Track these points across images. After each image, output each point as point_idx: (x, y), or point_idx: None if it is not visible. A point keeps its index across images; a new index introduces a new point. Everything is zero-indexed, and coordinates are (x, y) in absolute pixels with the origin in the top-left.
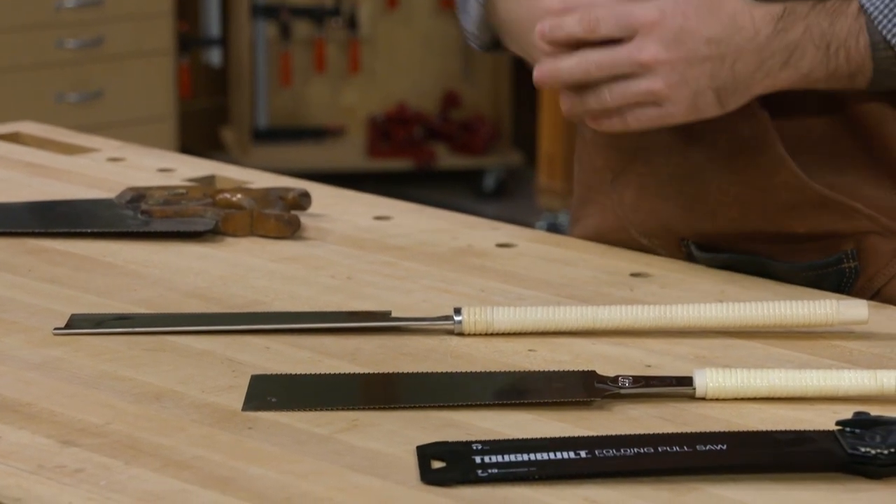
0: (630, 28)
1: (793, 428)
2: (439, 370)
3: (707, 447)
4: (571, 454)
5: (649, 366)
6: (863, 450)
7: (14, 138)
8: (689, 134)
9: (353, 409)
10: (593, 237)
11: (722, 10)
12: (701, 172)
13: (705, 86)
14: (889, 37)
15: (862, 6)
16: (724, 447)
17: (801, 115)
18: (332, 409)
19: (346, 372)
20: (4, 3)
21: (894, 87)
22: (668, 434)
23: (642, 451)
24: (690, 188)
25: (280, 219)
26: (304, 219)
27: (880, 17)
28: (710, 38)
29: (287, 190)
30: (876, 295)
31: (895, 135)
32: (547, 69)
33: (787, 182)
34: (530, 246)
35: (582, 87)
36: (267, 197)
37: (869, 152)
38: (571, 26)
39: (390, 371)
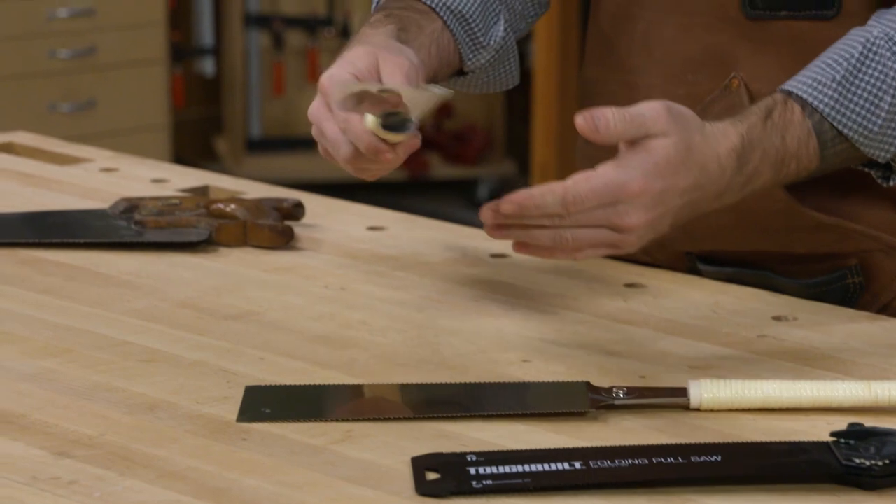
0: (615, 198)
1: (787, 439)
2: (433, 381)
3: (701, 458)
4: (566, 465)
5: (643, 376)
6: (857, 461)
7: (7, 148)
8: None
9: (348, 420)
10: None
11: (693, 160)
12: None
13: (667, 225)
14: (843, 129)
15: (810, 104)
16: (719, 458)
17: None
18: (326, 421)
19: (341, 383)
20: None
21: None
22: (662, 445)
23: (637, 462)
24: None
25: (273, 229)
26: (298, 229)
27: (833, 112)
28: (684, 189)
29: (280, 200)
30: (883, 310)
31: None
32: (519, 235)
33: (781, 210)
34: (524, 256)
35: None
36: (260, 207)
37: (868, 173)
38: (552, 203)
39: (384, 382)
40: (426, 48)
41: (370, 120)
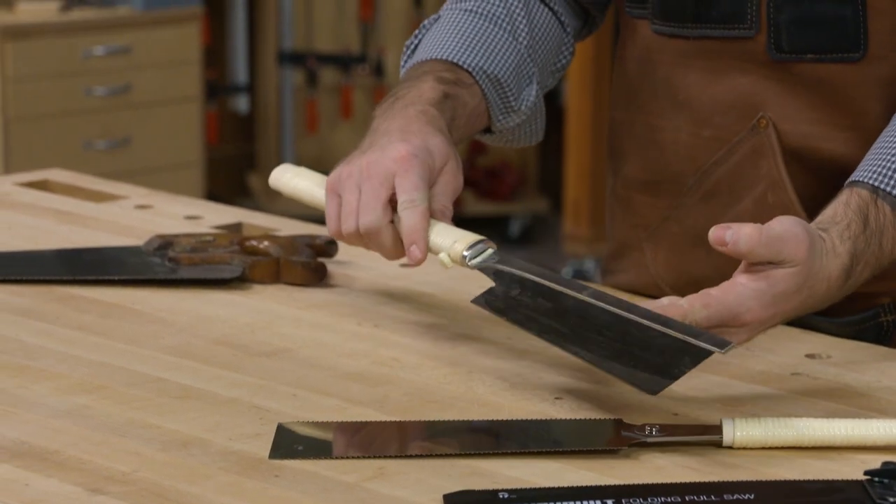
0: (726, 322)
1: (821, 477)
2: (465, 418)
3: (734, 496)
4: (598, 503)
5: (676, 414)
6: (892, 500)
7: (43, 186)
8: (717, 200)
9: (380, 457)
10: (625, 291)
11: (806, 285)
12: None
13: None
14: None
15: None
16: (752, 497)
17: (827, 183)
18: (358, 458)
19: (373, 420)
20: (34, 51)
21: None
22: (695, 483)
23: (669, 500)
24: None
25: (307, 266)
26: (331, 266)
27: None
28: (789, 311)
29: (314, 237)
30: None
31: None
32: None
33: None
34: None
35: None
36: (294, 244)
37: None
38: (676, 308)
39: (417, 419)
40: (458, 127)
41: (457, 248)
